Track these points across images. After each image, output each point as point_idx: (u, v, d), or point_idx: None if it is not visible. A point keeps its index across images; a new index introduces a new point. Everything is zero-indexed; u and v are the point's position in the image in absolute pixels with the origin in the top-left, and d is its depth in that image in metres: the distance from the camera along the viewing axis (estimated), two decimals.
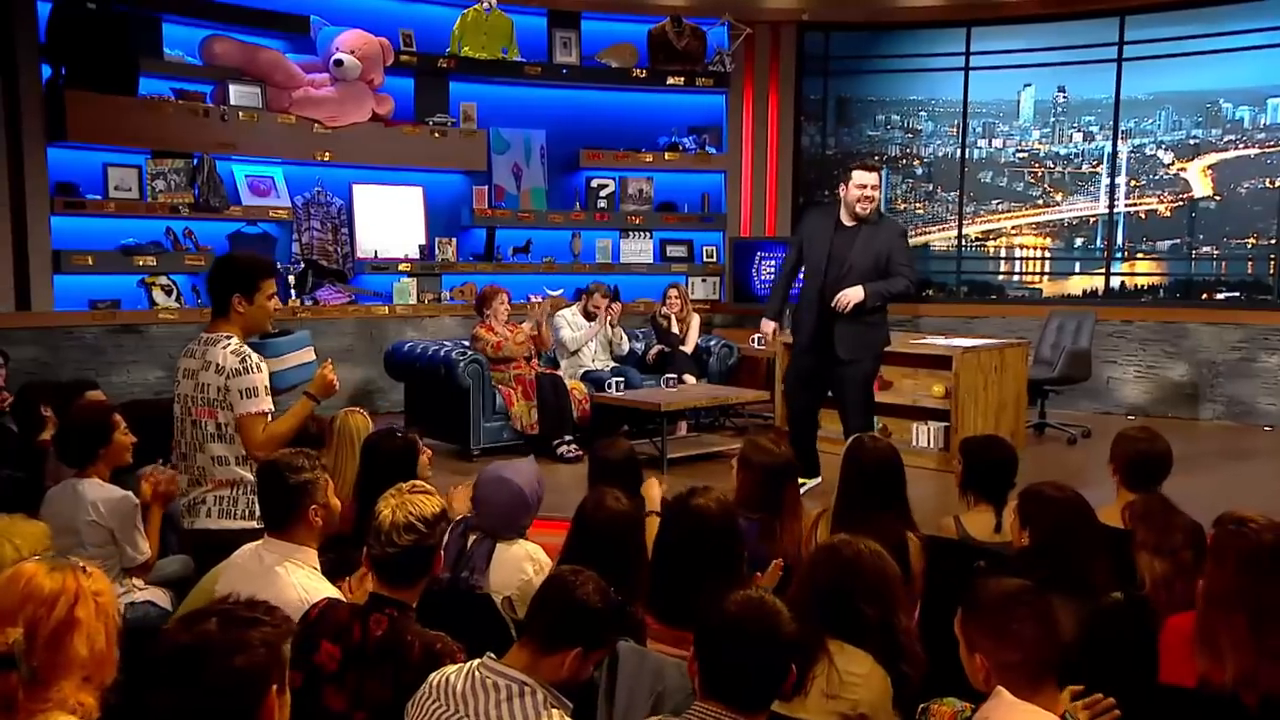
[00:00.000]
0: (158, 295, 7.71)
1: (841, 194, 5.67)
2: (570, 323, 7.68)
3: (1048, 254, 10.18)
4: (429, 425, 7.10)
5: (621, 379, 7.18)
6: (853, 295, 5.46)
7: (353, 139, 8.39)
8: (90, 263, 7.37)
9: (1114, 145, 9.53)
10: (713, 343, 8.12)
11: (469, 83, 9.00)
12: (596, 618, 2.26)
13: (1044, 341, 8.17)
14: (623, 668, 2.81)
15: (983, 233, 10.37)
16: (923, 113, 10.37)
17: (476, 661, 2.24)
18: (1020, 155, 10.08)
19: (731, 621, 2.07)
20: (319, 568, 2.93)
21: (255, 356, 3.55)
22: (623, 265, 9.56)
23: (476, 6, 8.85)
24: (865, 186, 5.56)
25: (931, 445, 6.77)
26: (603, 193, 9.53)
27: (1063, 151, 9.95)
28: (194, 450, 3.60)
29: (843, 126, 10.41)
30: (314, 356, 4.01)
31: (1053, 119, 9.99)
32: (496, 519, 3.37)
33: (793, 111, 9.85)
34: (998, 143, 10.23)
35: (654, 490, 4.02)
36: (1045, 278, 10.14)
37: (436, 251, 8.92)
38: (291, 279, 8.24)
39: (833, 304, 5.48)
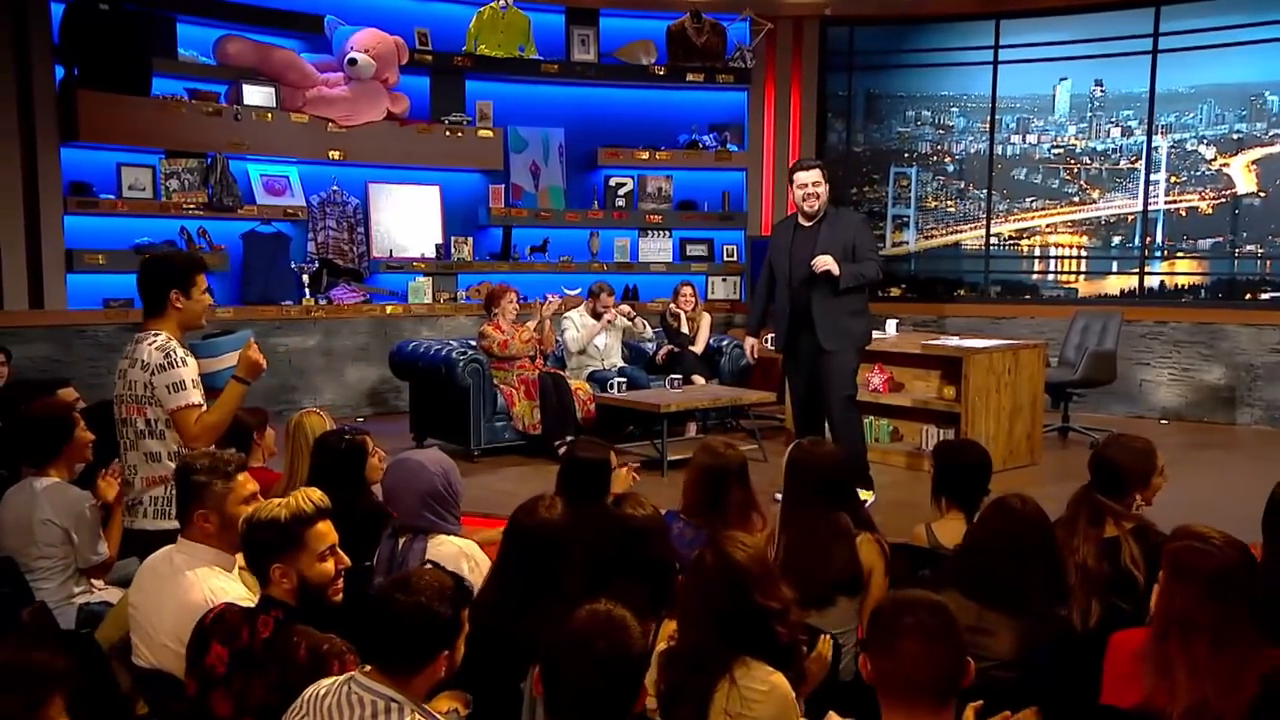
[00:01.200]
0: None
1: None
2: (576, 323, 7.59)
3: (1083, 253, 9.87)
4: (432, 425, 7.10)
5: (624, 379, 7.06)
6: (828, 260, 5.35)
7: (367, 138, 8.39)
8: (102, 261, 7.44)
9: (1148, 140, 9.21)
10: (724, 343, 7.98)
11: (485, 81, 8.96)
12: (441, 622, 2.14)
13: (1068, 343, 7.91)
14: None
15: (1016, 231, 10.09)
16: (954, 108, 10.13)
17: (348, 675, 2.15)
18: (1055, 151, 9.79)
19: (575, 639, 1.95)
20: (236, 569, 2.85)
21: (180, 351, 3.45)
22: (641, 264, 9.46)
23: (493, 4, 8.81)
24: (805, 185, 5.53)
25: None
26: (621, 191, 9.43)
27: (1100, 147, 9.64)
28: (129, 449, 3.55)
29: (871, 123, 10.20)
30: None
31: (1089, 114, 9.68)
32: (408, 512, 3.28)
33: (815, 108, 9.66)
34: (1032, 138, 9.94)
35: (619, 487, 3.92)
36: (1081, 277, 9.82)
37: (452, 251, 8.89)
38: (306, 278, 8.26)
39: (810, 265, 5.38)
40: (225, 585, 2.71)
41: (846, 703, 2.29)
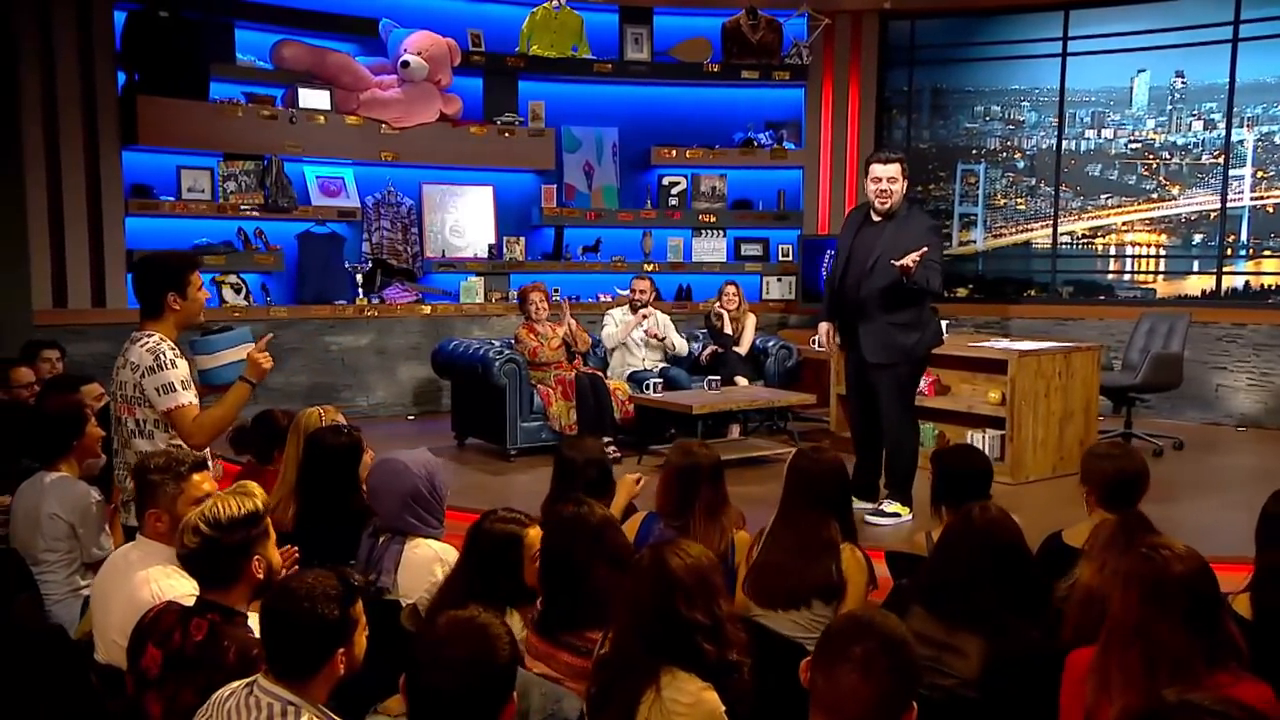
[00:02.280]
0: (227, 293, 7.96)
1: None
2: (616, 319, 7.55)
3: (1162, 252, 9.46)
4: (472, 424, 7.13)
5: (660, 380, 6.99)
6: (910, 259, 4.89)
7: (419, 139, 8.47)
8: None
9: (1228, 133, 8.77)
10: (771, 344, 7.84)
11: (538, 81, 8.98)
12: (329, 624, 2.11)
13: (1132, 345, 7.59)
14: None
15: (1090, 229, 9.71)
16: (1024, 102, 9.80)
17: (251, 679, 2.14)
18: (1133, 146, 9.40)
19: (434, 645, 1.90)
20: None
21: (170, 353, 3.48)
22: (694, 264, 9.37)
23: (545, 5, 8.82)
24: (880, 179, 5.20)
25: (987, 454, 6.32)
26: (674, 190, 9.36)
27: (1180, 141, 9.22)
28: (121, 448, 3.61)
29: (937, 119, 9.94)
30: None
31: (1169, 106, 9.27)
32: (388, 513, 3.27)
33: (874, 105, 9.44)
34: (1108, 133, 9.56)
35: (622, 492, 3.88)
36: (1159, 278, 9.41)
37: (505, 250, 8.93)
38: (360, 278, 8.38)
39: (891, 261, 4.98)
40: (176, 583, 2.72)
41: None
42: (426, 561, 3.24)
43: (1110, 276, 9.60)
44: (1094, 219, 9.68)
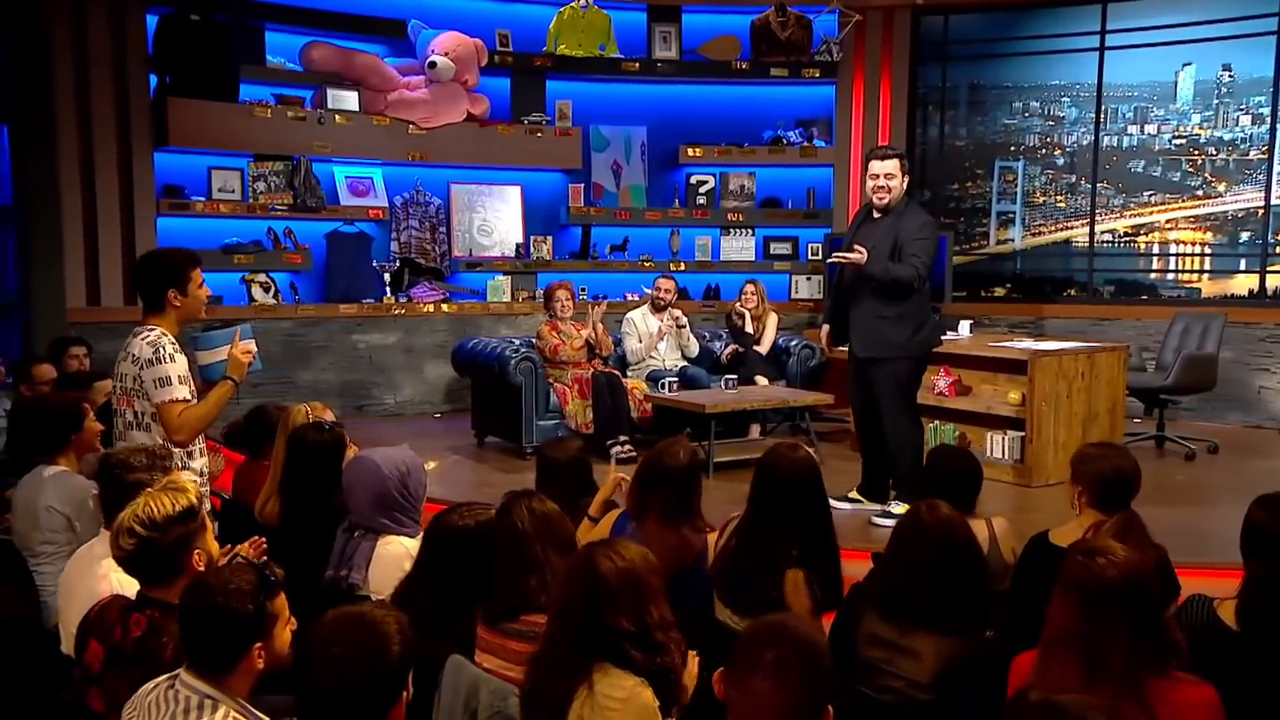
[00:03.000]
0: (256, 292, 8.08)
1: None
2: (638, 327, 7.51)
3: (1207, 250, 9.21)
4: (489, 422, 7.16)
5: (675, 379, 6.96)
6: (857, 256, 5.07)
7: (447, 139, 8.53)
8: None
9: (1273, 128, 8.51)
10: (794, 343, 7.77)
11: (566, 81, 8.99)
12: (243, 618, 2.12)
13: (1166, 346, 7.39)
14: (445, 680, 2.69)
15: (1132, 227, 9.48)
16: (1065, 98, 9.60)
17: (174, 673, 2.16)
18: (1177, 142, 9.16)
19: (325, 640, 1.89)
20: None
21: (170, 347, 3.55)
22: (722, 263, 9.31)
23: (573, 4, 8.83)
24: (878, 176, 5.20)
25: (1006, 456, 6.23)
26: (702, 189, 9.32)
27: (1227, 136, 8.97)
28: (118, 439, 3.67)
29: (974, 115, 9.77)
30: (253, 349, 4.01)
31: (1216, 101, 9.02)
32: (360, 511, 3.28)
33: (905, 101, 9.31)
34: (1151, 129, 9.33)
35: (604, 489, 3.87)
36: (1205, 277, 9.16)
37: (532, 250, 8.96)
38: (388, 276, 8.46)
39: (834, 254, 5.18)
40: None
41: None
42: (397, 558, 3.25)
43: (1153, 276, 9.37)
44: (1136, 216, 9.44)
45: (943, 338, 7.13)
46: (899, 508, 5.31)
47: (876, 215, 5.27)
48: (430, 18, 8.58)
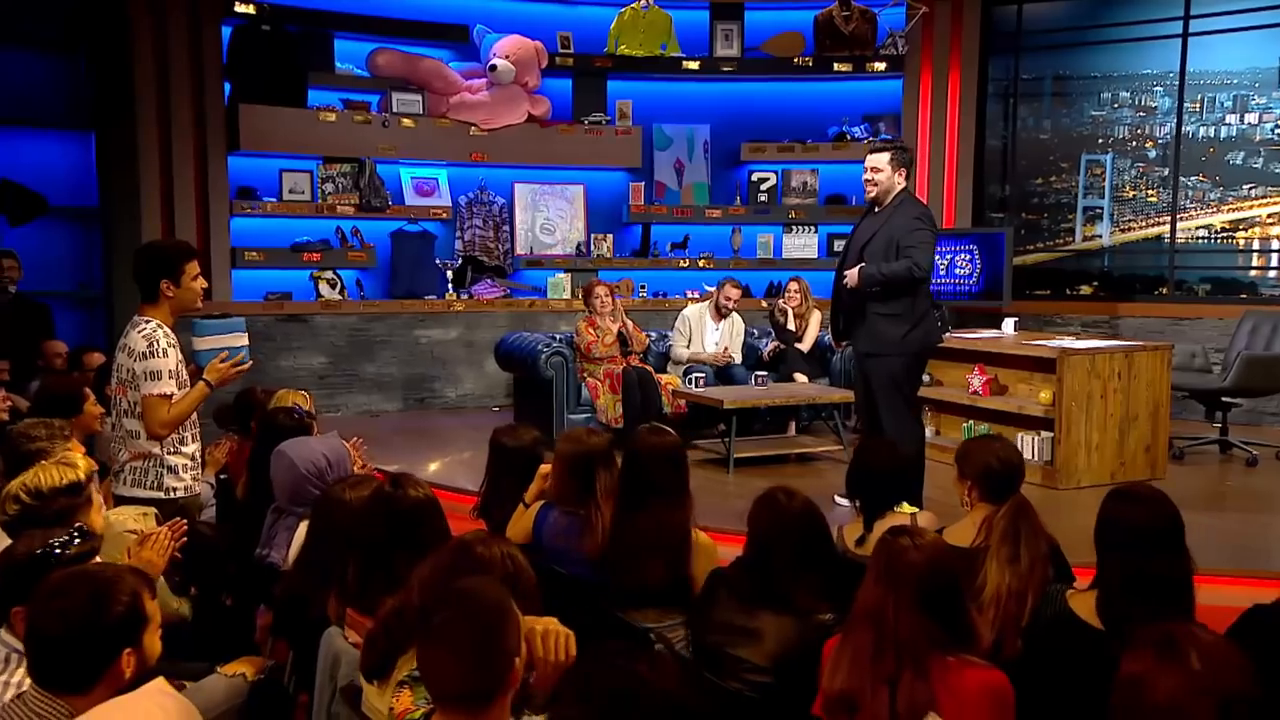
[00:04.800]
0: (323, 288, 8.45)
1: None
2: (693, 327, 7.49)
3: None
4: (528, 415, 7.30)
5: (701, 374, 6.96)
6: (853, 279, 5.03)
7: (508, 140, 8.75)
8: (260, 258, 8.22)
9: None
10: None
11: (627, 81, 9.09)
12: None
13: (1233, 347, 6.97)
14: (321, 649, 2.82)
15: (1230, 222, 8.97)
16: (1158, 87, 9.15)
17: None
18: None
19: (50, 594, 1.98)
20: None
21: (164, 341, 3.72)
22: (785, 260, 9.23)
23: (633, 5, 8.92)
24: (866, 169, 5.14)
25: (1036, 457, 5.99)
26: (764, 186, 9.26)
27: None
28: (117, 422, 3.88)
29: (1059, 108, 9.42)
30: (244, 342, 4.19)
31: None
32: (280, 497, 3.43)
33: (974, 94, 9.04)
34: (1252, 118, 8.81)
35: (537, 481, 3.92)
36: None
37: (592, 247, 9.08)
38: (450, 274, 8.72)
39: (843, 281, 5.11)
40: None
41: None
42: None
43: (1253, 274, 8.84)
44: (1235, 211, 8.92)
45: (981, 335, 6.96)
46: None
47: (876, 210, 5.20)
48: (494, 21, 8.81)
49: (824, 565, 2.68)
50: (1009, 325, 6.98)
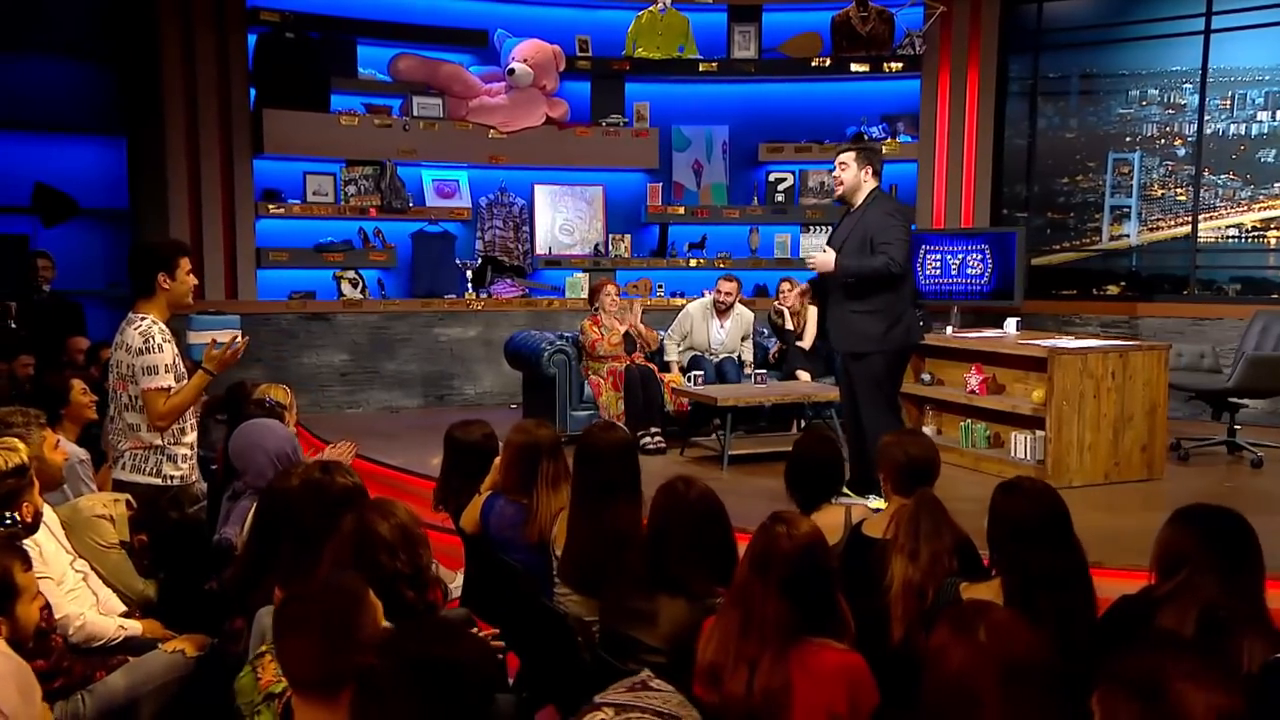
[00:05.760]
0: (345, 288, 8.68)
1: None
2: (695, 322, 7.57)
3: None
4: (534, 412, 7.42)
5: (699, 372, 7.03)
6: (823, 260, 5.08)
7: (526, 142, 8.90)
8: (285, 259, 8.47)
9: None
10: None
11: (645, 83, 9.19)
12: None
13: (1243, 346, 6.86)
14: (254, 626, 2.98)
15: (1262, 221, 8.81)
16: (1186, 85, 9.02)
17: None
18: None
19: None
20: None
21: (160, 337, 3.92)
22: (801, 260, 9.23)
23: (651, 8, 9.01)
24: (835, 167, 5.19)
25: (1028, 457, 5.98)
26: (781, 187, 9.30)
27: None
28: (118, 415, 4.07)
29: (1086, 106, 9.32)
30: (239, 345, 4.35)
31: None
32: (257, 470, 3.60)
33: (993, 93, 8.98)
34: None
35: (492, 473, 4.04)
36: None
37: (610, 248, 9.20)
38: (470, 274, 8.90)
39: (806, 262, 5.21)
40: None
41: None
42: None
43: None
44: (1267, 209, 8.77)
45: (982, 334, 6.93)
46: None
47: (852, 209, 5.26)
48: (514, 26, 8.97)
49: (719, 551, 2.75)
50: (1011, 325, 6.95)
